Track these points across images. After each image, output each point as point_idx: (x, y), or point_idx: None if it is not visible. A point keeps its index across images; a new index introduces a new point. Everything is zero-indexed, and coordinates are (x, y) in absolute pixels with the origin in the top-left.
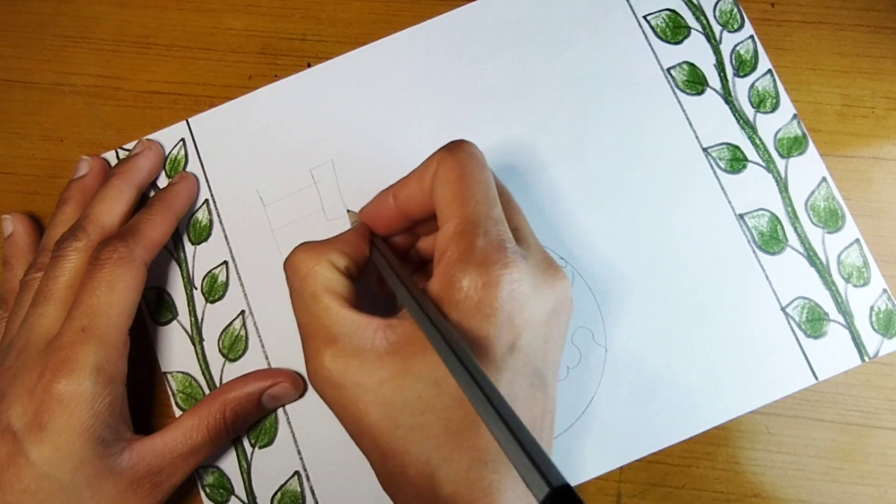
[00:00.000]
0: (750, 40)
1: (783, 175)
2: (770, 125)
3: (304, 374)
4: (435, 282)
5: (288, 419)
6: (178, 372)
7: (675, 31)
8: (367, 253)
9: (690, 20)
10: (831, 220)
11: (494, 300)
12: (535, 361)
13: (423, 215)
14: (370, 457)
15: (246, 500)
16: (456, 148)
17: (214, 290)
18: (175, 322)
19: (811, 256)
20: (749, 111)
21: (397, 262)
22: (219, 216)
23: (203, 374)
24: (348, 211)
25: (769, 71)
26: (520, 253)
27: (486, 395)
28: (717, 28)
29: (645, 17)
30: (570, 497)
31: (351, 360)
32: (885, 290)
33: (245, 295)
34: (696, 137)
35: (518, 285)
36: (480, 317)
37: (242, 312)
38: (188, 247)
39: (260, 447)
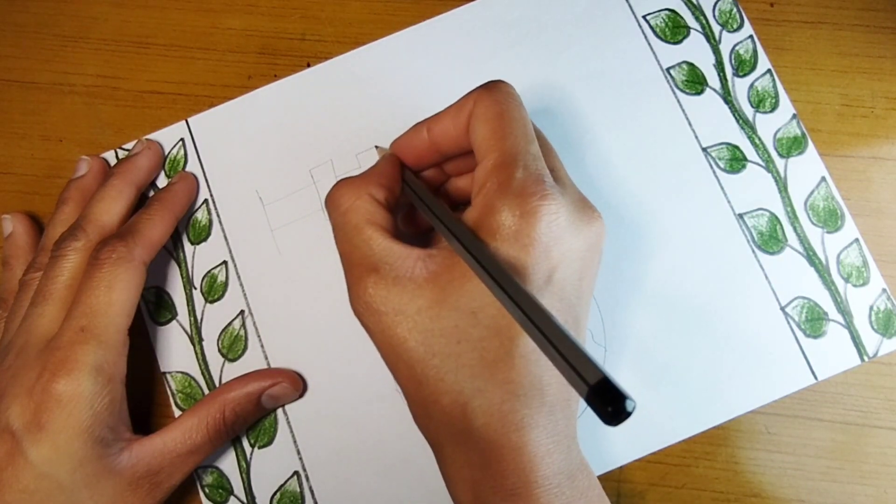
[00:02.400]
0: (749, 40)
1: (782, 175)
2: (769, 125)
3: (304, 374)
4: (473, 211)
5: (287, 419)
6: (178, 372)
7: (674, 30)
8: (400, 182)
9: (690, 20)
10: (830, 219)
11: (532, 230)
12: (569, 297)
13: (455, 151)
14: (404, 385)
15: (245, 501)
16: (493, 87)
17: (214, 290)
18: (174, 322)
19: (810, 256)
20: (748, 111)
21: (428, 191)
22: (218, 216)
23: (202, 374)
24: (376, 147)
25: (768, 71)
26: (557, 188)
27: (522, 301)
28: (716, 28)
29: (644, 16)
30: (610, 388)
31: (392, 287)
32: (884, 290)
33: (244, 295)
34: (696, 137)
35: (556, 217)
36: (518, 246)
37: (242, 312)
38: (187, 246)
39: (259, 447)
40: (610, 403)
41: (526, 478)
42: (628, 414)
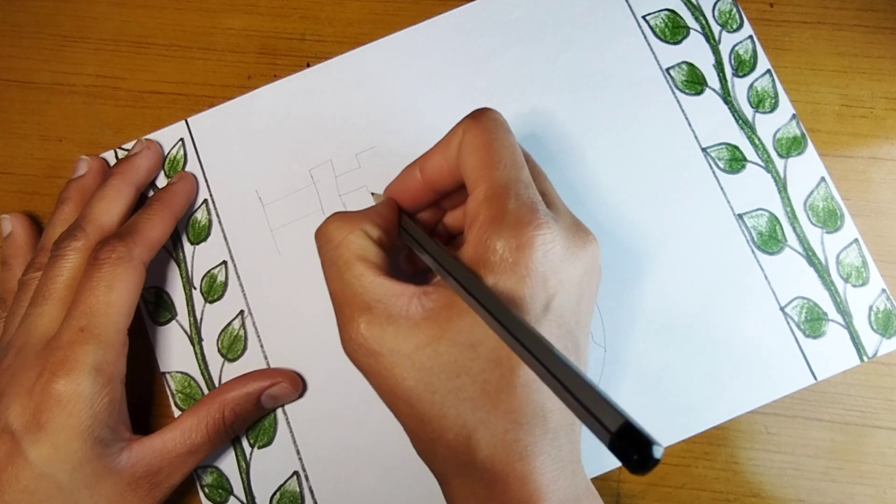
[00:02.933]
0: (749, 40)
1: (782, 175)
2: (769, 125)
3: (304, 374)
4: (468, 247)
5: (287, 419)
6: (177, 372)
7: (674, 31)
8: (397, 225)
9: (689, 20)
10: (830, 219)
11: (529, 261)
12: (568, 324)
13: (451, 187)
14: (406, 423)
15: (245, 501)
16: (480, 115)
17: (213, 290)
18: (174, 322)
19: (810, 256)
20: (748, 111)
21: (425, 233)
22: (218, 216)
23: (202, 374)
24: (372, 193)
25: (768, 71)
26: (551, 215)
27: (532, 344)
28: (716, 28)
29: (644, 17)
30: (634, 434)
31: (387, 326)
32: (883, 290)
33: (244, 295)
34: (696, 137)
35: (552, 246)
36: (516, 278)
37: (241, 312)
38: (187, 246)
39: (259, 447)
40: (636, 451)
41: None
42: (657, 461)
